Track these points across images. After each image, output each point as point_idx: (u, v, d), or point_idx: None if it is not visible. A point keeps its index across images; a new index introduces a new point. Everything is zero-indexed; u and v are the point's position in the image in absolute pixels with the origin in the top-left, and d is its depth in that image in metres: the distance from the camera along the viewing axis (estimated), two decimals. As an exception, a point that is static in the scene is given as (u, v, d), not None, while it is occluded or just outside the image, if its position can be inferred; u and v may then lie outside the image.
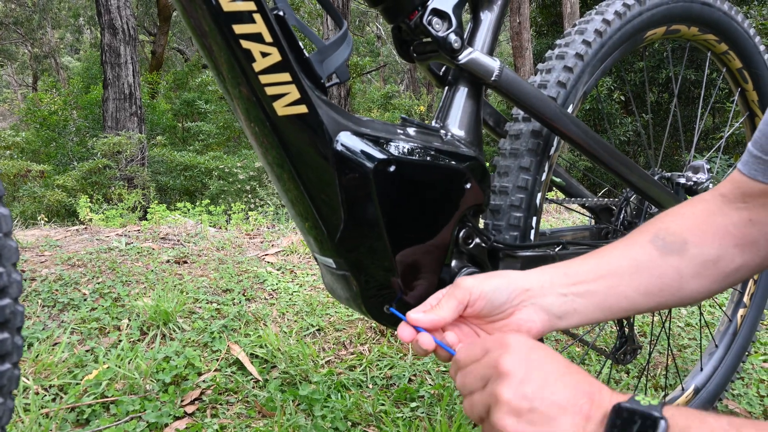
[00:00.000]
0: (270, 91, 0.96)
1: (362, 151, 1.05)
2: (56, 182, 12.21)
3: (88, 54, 26.78)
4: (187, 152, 16.55)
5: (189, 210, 6.08)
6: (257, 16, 0.92)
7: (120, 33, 12.16)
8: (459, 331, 1.03)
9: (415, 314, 0.98)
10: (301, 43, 1.00)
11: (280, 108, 0.97)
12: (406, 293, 1.14)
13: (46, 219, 6.88)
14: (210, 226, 4.92)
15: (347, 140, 1.04)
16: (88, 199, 7.09)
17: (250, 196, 13.21)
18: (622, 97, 15.22)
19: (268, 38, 0.94)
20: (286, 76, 0.96)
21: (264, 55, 0.94)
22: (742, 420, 0.74)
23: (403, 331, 0.99)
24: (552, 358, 0.86)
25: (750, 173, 1.02)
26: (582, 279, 1.04)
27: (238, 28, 0.91)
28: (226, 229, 4.87)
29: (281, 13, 0.98)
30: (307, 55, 1.01)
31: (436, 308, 1.00)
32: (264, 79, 0.95)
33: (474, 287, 1.00)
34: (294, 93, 0.98)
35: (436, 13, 1.22)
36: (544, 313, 1.01)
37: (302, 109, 0.99)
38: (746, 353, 2.19)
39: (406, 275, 1.14)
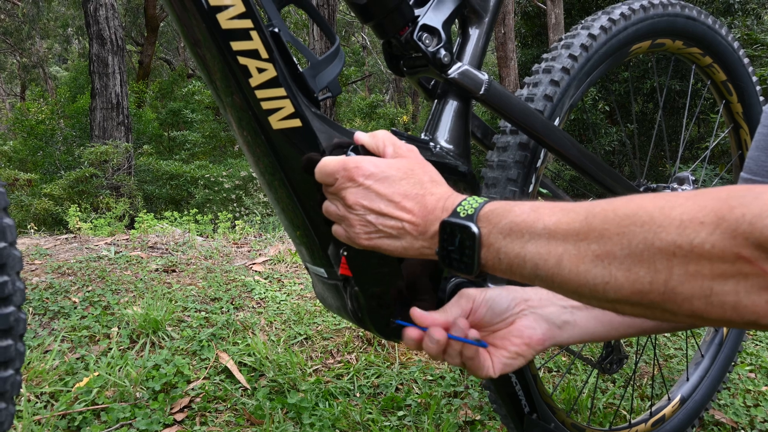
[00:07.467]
0: (266, 105, 0.98)
1: None
2: (43, 191, 12.17)
3: (76, 64, 26.68)
4: (173, 161, 16.52)
5: (176, 219, 6.07)
6: (254, 33, 0.94)
7: (108, 43, 12.16)
8: None
9: (418, 312, 1.00)
10: (294, 59, 1.02)
11: (276, 122, 0.99)
12: (400, 301, 1.15)
13: (36, 228, 6.86)
14: (197, 235, 4.91)
15: (340, 153, 1.06)
16: (77, 208, 7.06)
17: (235, 204, 13.21)
18: (607, 107, 15.28)
19: (264, 54, 0.96)
20: (281, 91, 0.98)
21: (260, 70, 0.96)
22: (541, 202, 0.81)
23: (411, 332, 1.01)
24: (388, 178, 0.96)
25: None
26: None
27: (236, 45, 0.93)
28: (213, 238, 4.87)
29: (276, 30, 1.00)
30: (301, 70, 1.03)
31: (440, 311, 1.03)
32: (260, 93, 0.97)
33: (477, 295, 1.05)
34: (289, 107, 0.99)
35: (426, 29, 1.24)
36: (545, 323, 1.04)
37: (296, 123, 1.01)
38: (732, 363, 2.19)
39: (398, 285, 1.15)
